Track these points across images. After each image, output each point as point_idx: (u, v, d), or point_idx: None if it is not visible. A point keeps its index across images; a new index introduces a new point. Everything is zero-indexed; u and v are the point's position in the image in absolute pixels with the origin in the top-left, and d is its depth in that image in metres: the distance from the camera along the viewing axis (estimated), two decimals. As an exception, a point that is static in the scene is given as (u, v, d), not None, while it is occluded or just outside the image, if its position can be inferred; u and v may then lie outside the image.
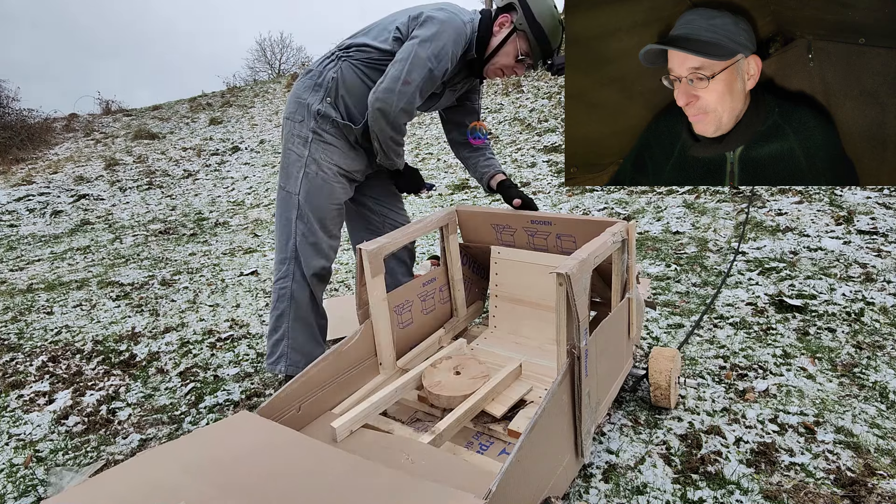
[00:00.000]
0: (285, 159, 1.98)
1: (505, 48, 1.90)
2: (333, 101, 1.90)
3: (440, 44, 1.79)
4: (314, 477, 1.12)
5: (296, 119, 1.94)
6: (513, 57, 1.90)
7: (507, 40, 1.89)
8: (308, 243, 1.94)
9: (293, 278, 1.97)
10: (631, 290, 1.82)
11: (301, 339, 2.01)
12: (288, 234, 1.96)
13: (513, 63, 1.92)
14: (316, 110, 1.90)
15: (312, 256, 1.95)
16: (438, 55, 1.79)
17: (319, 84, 1.91)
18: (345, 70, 1.90)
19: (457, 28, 1.83)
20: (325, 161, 1.92)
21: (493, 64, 1.94)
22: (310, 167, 1.92)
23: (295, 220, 1.94)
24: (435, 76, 1.82)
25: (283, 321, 2.01)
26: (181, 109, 12.25)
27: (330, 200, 1.95)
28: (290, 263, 1.96)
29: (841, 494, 1.53)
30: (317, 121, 1.90)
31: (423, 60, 1.77)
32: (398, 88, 1.78)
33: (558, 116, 7.05)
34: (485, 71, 1.97)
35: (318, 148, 1.91)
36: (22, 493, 1.79)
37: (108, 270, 4.43)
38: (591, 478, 1.64)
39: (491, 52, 1.91)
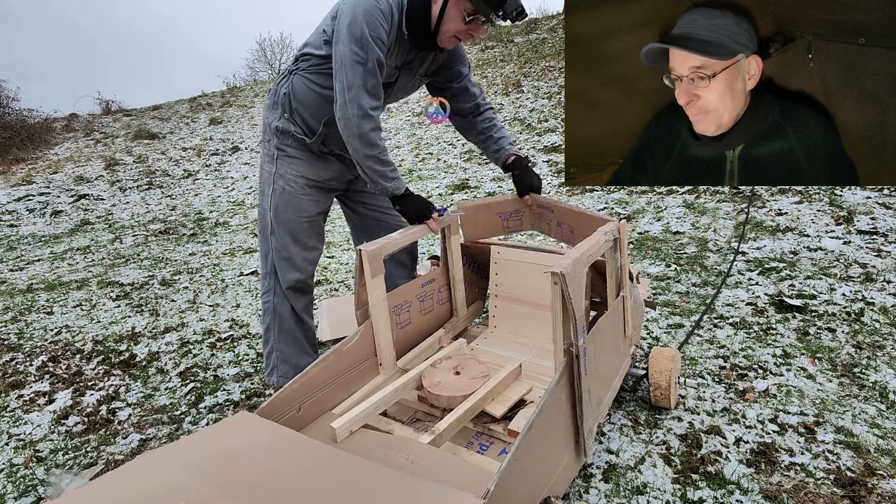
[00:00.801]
0: (259, 177, 2.04)
1: (448, 13, 1.75)
2: (290, 116, 1.91)
3: (356, 32, 1.68)
4: (314, 477, 1.12)
5: (264, 139, 1.99)
6: (460, 20, 1.75)
7: (446, 4, 1.74)
8: (282, 258, 1.98)
9: (274, 292, 2.02)
10: (625, 288, 1.82)
11: (287, 350, 2.06)
12: (266, 250, 2.02)
13: (464, 27, 1.76)
14: (275, 127, 1.91)
15: (287, 270, 1.99)
16: (360, 43, 1.68)
17: (276, 102, 1.93)
18: (295, 83, 1.89)
19: (367, 9, 1.69)
20: (290, 175, 1.94)
21: (443, 33, 1.79)
22: (277, 183, 1.95)
23: (269, 235, 1.99)
24: (370, 67, 1.71)
25: (270, 334, 2.07)
26: (181, 109, 12.24)
27: (298, 214, 1.96)
28: (271, 278, 2.02)
29: (841, 494, 1.53)
30: (278, 137, 1.92)
31: (348, 58, 1.68)
32: (346, 99, 1.71)
33: (558, 116, 7.06)
34: (438, 41, 1.83)
35: (283, 163, 1.94)
36: (22, 493, 1.79)
37: (108, 270, 4.43)
38: (591, 478, 1.64)
39: (436, 21, 1.77)
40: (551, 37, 9.64)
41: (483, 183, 5.68)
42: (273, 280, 2.01)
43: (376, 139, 1.75)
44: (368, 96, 1.72)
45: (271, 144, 1.95)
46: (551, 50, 9.02)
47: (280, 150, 1.93)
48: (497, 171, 6.03)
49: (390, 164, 1.82)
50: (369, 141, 1.74)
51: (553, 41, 9.36)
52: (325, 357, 1.62)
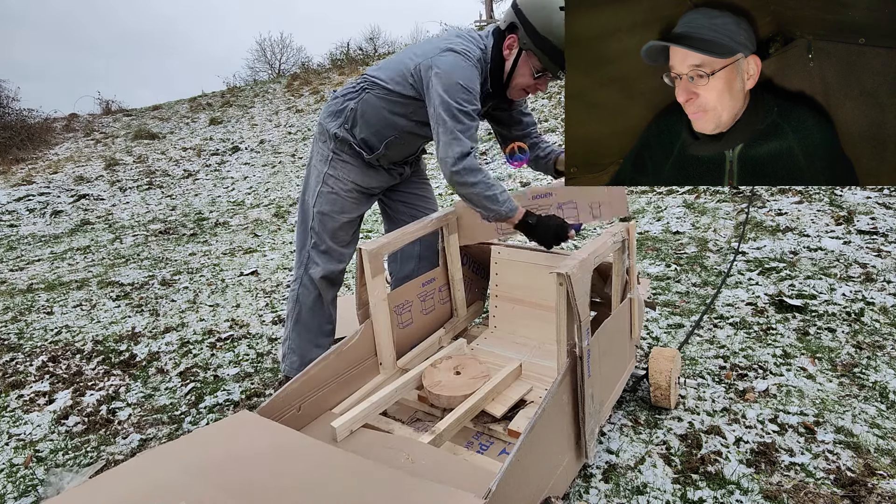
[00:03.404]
0: (308, 173, 2.11)
1: (519, 69, 1.86)
2: (351, 129, 1.98)
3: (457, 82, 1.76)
4: (314, 476, 1.12)
5: (320, 139, 2.06)
6: (530, 76, 1.86)
7: (518, 61, 1.85)
8: (320, 250, 2.04)
9: (301, 282, 2.07)
10: (632, 291, 1.82)
11: (299, 340, 2.09)
12: (304, 241, 2.08)
13: (532, 81, 1.87)
14: (334, 134, 1.98)
15: (324, 261, 2.04)
16: (463, 95, 1.77)
17: (339, 112, 1.99)
18: (366, 102, 1.94)
19: (466, 74, 1.79)
20: (341, 178, 2.01)
21: (513, 87, 1.91)
22: (327, 182, 2.02)
23: (310, 228, 2.06)
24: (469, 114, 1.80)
25: (288, 322, 2.13)
26: (181, 109, 12.25)
27: (341, 214, 2.03)
28: (302, 268, 2.07)
29: (841, 494, 1.53)
30: (335, 142, 1.99)
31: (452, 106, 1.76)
32: (448, 140, 1.77)
33: (558, 116, 7.06)
34: (508, 94, 1.94)
35: (336, 166, 2.01)
36: (22, 493, 1.79)
37: (108, 270, 4.43)
38: (591, 478, 1.64)
39: (507, 76, 1.89)
40: (551, 37, 9.64)
41: (483, 183, 5.68)
42: (303, 270, 2.06)
43: (476, 165, 1.80)
44: (465, 137, 1.78)
45: (327, 146, 2.02)
46: (551, 50, 9.02)
47: (335, 153, 2.00)
48: (498, 171, 6.03)
49: (493, 187, 1.83)
50: (471, 171, 1.79)
51: (553, 41, 9.36)
52: (325, 356, 1.62)
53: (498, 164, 6.14)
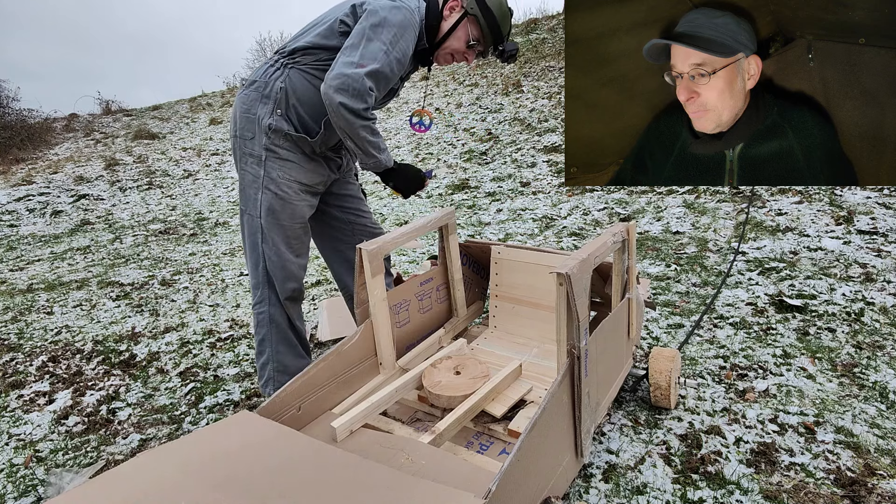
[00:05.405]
0: (242, 181, 1.87)
1: (456, 33, 1.85)
2: (284, 113, 1.78)
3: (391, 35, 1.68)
4: (314, 476, 1.12)
5: (246, 136, 1.83)
6: (464, 42, 1.85)
7: (457, 24, 1.84)
8: (277, 267, 1.89)
9: (269, 302, 1.93)
10: (631, 291, 1.82)
11: (286, 360, 1.98)
12: (256, 259, 1.90)
13: (463, 48, 1.87)
14: (267, 125, 1.78)
15: (283, 280, 1.91)
16: (395, 44, 1.70)
17: (267, 95, 1.79)
18: (293, 77, 1.78)
19: (406, 21, 1.72)
20: (283, 179, 1.82)
21: (443, 49, 1.87)
22: (268, 188, 1.82)
23: (261, 243, 1.87)
24: (394, 70, 1.71)
25: (265, 345, 1.97)
26: (181, 109, 12.24)
27: (293, 220, 1.87)
28: (264, 288, 1.91)
29: (841, 494, 1.53)
30: (269, 136, 1.79)
31: (379, 49, 1.66)
32: (352, 72, 1.63)
33: (558, 116, 7.06)
34: (435, 56, 1.90)
35: (273, 166, 1.81)
36: (22, 493, 1.79)
37: (108, 270, 4.43)
38: (591, 478, 1.64)
39: (442, 36, 1.85)
40: (551, 37, 9.64)
41: (483, 183, 5.68)
42: (267, 290, 1.91)
43: (372, 115, 1.73)
44: (378, 87, 1.70)
45: (256, 143, 1.80)
46: (551, 50, 9.02)
47: (270, 150, 1.79)
48: (497, 171, 6.03)
49: (378, 134, 1.78)
50: (366, 116, 1.70)
51: (553, 41, 9.36)
52: (325, 357, 1.62)
53: (498, 164, 6.14)
